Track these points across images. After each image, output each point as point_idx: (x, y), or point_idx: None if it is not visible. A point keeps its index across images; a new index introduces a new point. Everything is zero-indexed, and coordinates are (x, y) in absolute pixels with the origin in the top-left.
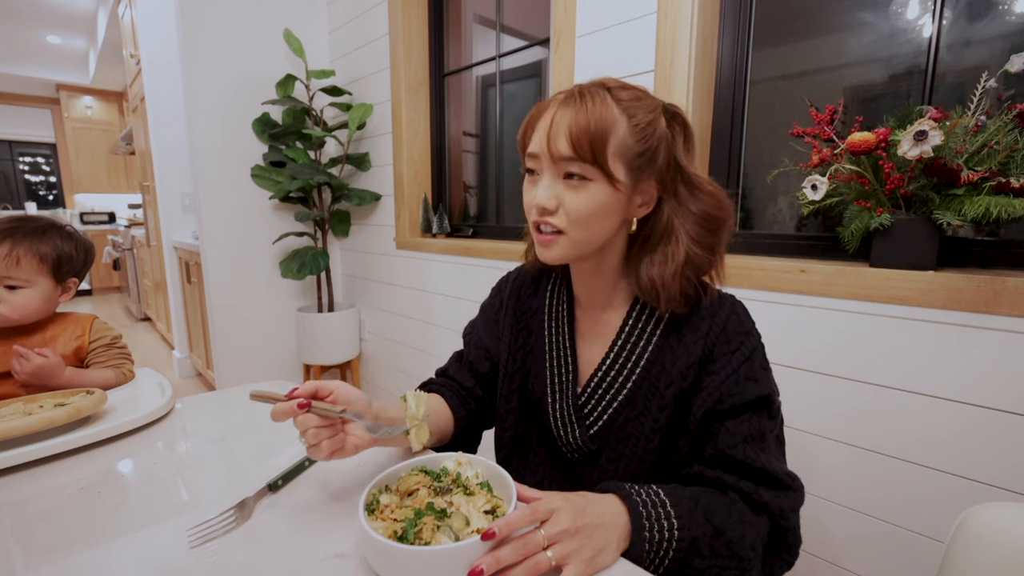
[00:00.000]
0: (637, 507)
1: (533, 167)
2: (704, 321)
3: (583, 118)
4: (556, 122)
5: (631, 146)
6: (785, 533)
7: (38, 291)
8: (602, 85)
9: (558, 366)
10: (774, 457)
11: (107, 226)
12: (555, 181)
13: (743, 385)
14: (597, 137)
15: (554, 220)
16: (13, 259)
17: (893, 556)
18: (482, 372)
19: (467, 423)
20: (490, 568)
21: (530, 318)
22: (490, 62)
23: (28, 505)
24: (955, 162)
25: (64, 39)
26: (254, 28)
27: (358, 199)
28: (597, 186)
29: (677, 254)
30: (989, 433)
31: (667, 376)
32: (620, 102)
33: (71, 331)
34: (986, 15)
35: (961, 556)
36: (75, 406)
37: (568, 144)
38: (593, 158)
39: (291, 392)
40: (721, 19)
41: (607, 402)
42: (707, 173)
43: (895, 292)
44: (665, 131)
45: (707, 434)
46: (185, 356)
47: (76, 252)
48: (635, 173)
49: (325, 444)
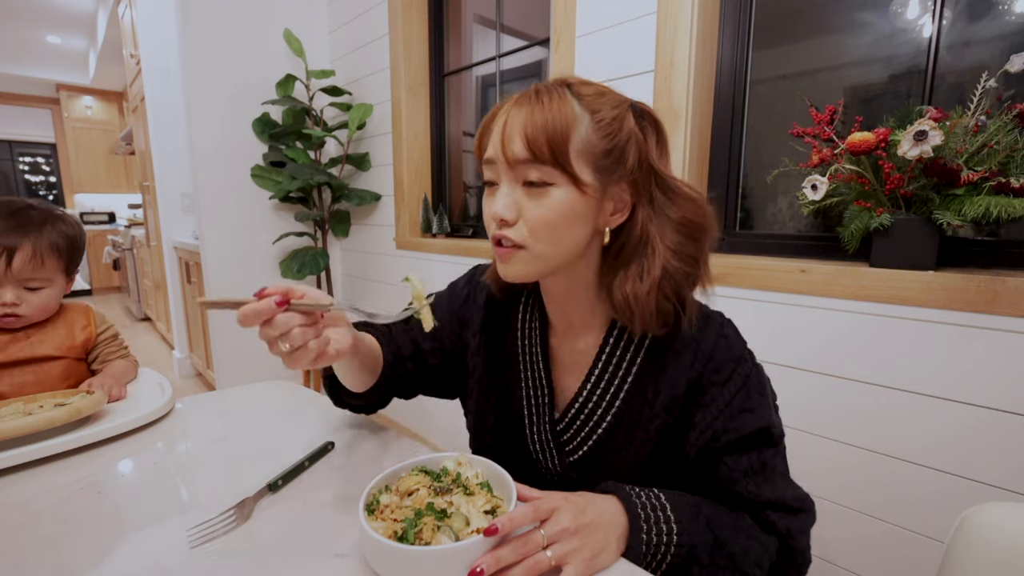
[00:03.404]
0: (635, 509)
1: (491, 176)
2: (689, 348)
3: (539, 116)
4: (510, 123)
5: (596, 144)
6: (794, 554)
7: (56, 288)
8: (562, 82)
9: (534, 389)
10: (780, 486)
11: (107, 226)
12: (513, 189)
13: (738, 419)
14: (556, 136)
15: (512, 233)
16: (38, 260)
17: (893, 556)
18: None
19: (386, 381)
20: (490, 568)
21: (504, 330)
22: (490, 62)
23: (28, 505)
24: (955, 162)
25: (64, 39)
26: (254, 28)
27: (358, 199)
28: (561, 191)
29: (653, 267)
30: (989, 433)
31: (650, 409)
32: (582, 98)
33: (78, 322)
34: (986, 15)
35: (961, 556)
36: (75, 406)
37: (524, 145)
38: (553, 159)
39: (260, 292)
40: (721, 19)
41: (586, 433)
42: (707, 173)
43: (895, 292)
44: (634, 128)
45: (705, 469)
46: (185, 356)
47: (81, 238)
48: (603, 175)
49: (312, 345)
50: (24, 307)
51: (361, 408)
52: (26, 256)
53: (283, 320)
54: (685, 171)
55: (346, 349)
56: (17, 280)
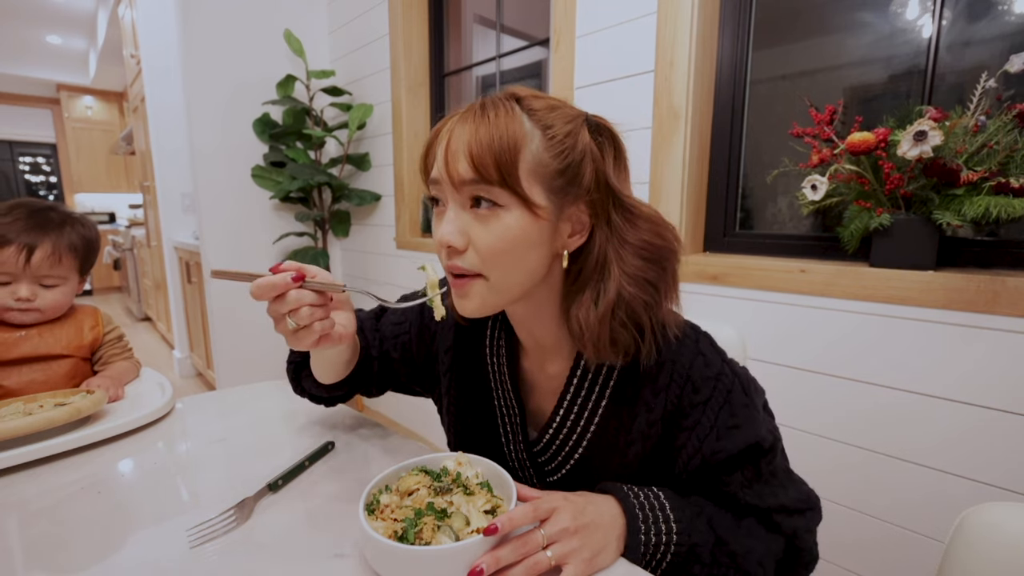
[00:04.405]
0: (633, 509)
1: (437, 196)
2: (663, 371)
3: (484, 133)
4: (454, 141)
5: (548, 163)
6: (801, 553)
7: (70, 287)
8: (511, 95)
9: (507, 410)
10: (782, 489)
11: (107, 226)
12: (461, 212)
13: (727, 438)
14: (503, 154)
15: (463, 263)
16: (56, 258)
17: (893, 556)
18: (393, 360)
19: (352, 377)
20: (490, 567)
21: (475, 350)
22: (490, 62)
23: (28, 505)
24: (955, 162)
25: (64, 39)
26: (254, 28)
27: (358, 199)
28: (511, 214)
29: (608, 292)
30: (989, 433)
31: (626, 435)
32: (532, 112)
33: (87, 322)
34: (986, 15)
35: (961, 556)
36: (75, 406)
37: (469, 165)
38: (501, 179)
39: (275, 267)
40: (721, 19)
41: (564, 457)
42: (707, 173)
43: (895, 292)
44: (589, 144)
45: (702, 486)
46: (185, 356)
47: (97, 240)
48: (557, 196)
49: (317, 326)
50: (39, 302)
51: (322, 399)
52: (45, 253)
53: (295, 296)
54: (685, 171)
55: (349, 335)
56: (34, 276)
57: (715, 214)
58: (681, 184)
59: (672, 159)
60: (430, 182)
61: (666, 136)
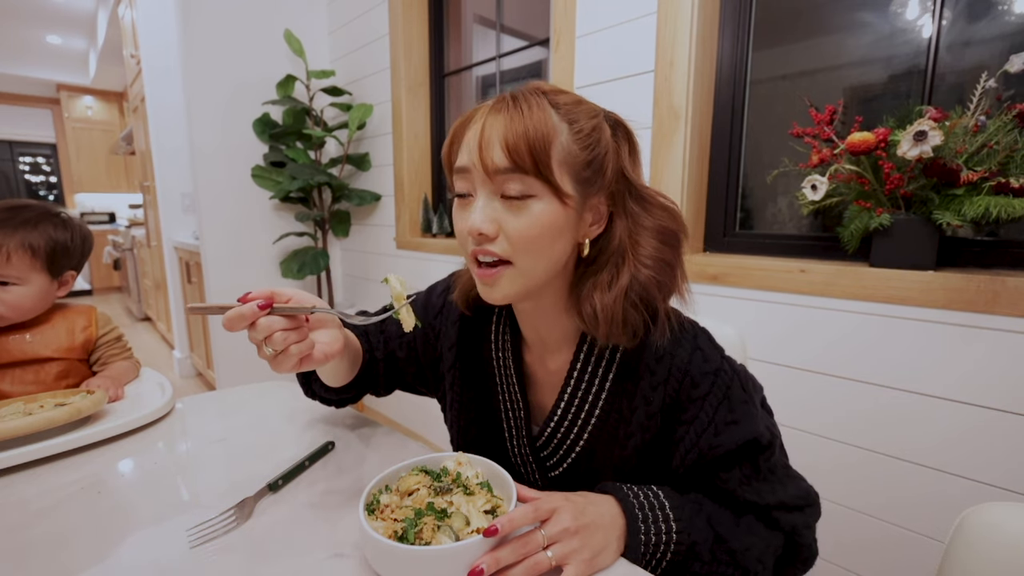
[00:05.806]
0: (633, 509)
1: (463, 188)
2: (662, 364)
3: (519, 124)
4: (487, 131)
5: (577, 155)
6: (800, 549)
7: (32, 288)
8: (537, 90)
9: (511, 405)
10: (780, 485)
11: (107, 226)
12: (491, 200)
13: (724, 433)
14: (538, 144)
15: (495, 248)
16: (3, 255)
17: (893, 556)
18: (398, 360)
19: (359, 379)
20: (490, 568)
21: (479, 347)
22: (490, 62)
23: (28, 505)
24: (955, 162)
25: (64, 39)
26: (254, 28)
27: (358, 199)
28: (543, 204)
29: (622, 275)
30: (989, 433)
31: (626, 426)
32: (559, 107)
33: (78, 323)
34: (986, 15)
35: (961, 556)
36: (75, 406)
37: (504, 154)
38: (536, 169)
39: (243, 297)
40: (721, 19)
41: (565, 451)
42: (707, 173)
43: (895, 292)
44: (610, 139)
45: (700, 482)
46: (185, 356)
47: (72, 242)
48: (583, 187)
49: (293, 349)
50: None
51: (331, 401)
52: None
53: (265, 324)
54: (685, 171)
55: (335, 352)
56: None
57: (715, 214)
58: (681, 184)
59: (672, 159)
60: (456, 172)
61: (666, 136)
